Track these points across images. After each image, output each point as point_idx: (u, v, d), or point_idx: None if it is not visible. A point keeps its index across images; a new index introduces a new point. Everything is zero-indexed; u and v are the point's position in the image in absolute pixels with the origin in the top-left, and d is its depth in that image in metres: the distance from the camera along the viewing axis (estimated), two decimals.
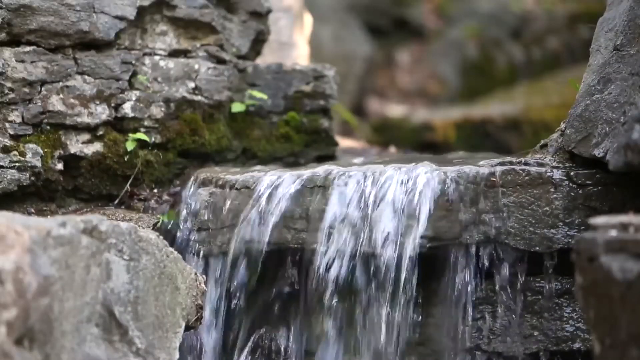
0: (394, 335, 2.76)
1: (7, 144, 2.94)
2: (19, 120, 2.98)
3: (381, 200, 2.78)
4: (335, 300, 2.80)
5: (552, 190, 2.77)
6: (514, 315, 2.78)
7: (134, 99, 3.13)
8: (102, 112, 3.08)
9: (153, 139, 3.16)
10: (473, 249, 2.76)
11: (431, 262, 2.77)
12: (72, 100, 3.04)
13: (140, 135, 3.12)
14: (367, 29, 7.51)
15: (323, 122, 3.39)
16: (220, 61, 3.30)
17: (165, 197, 3.16)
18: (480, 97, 6.88)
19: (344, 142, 3.98)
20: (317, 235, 2.79)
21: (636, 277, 1.96)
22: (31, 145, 2.97)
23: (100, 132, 3.09)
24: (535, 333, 2.78)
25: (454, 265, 2.78)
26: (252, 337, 2.88)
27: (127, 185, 3.13)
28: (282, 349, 2.88)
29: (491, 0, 7.92)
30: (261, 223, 2.84)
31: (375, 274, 2.76)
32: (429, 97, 7.50)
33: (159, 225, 2.99)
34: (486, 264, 2.77)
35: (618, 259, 1.99)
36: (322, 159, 3.36)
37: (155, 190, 3.17)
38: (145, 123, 3.15)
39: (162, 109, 3.18)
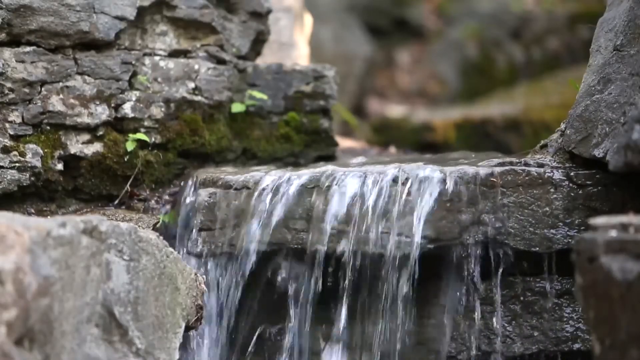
0: (394, 335, 2.76)
1: (7, 144, 2.94)
2: (19, 120, 2.98)
3: (381, 200, 2.78)
4: (335, 300, 2.80)
5: (552, 190, 2.77)
6: (513, 316, 2.78)
7: (134, 99, 3.13)
8: (102, 112, 3.08)
9: (153, 139, 3.16)
10: (473, 249, 2.76)
11: (431, 262, 2.77)
12: (72, 101, 3.04)
13: (140, 136, 3.12)
14: (367, 29, 7.51)
15: (323, 122, 3.39)
16: (220, 61, 3.30)
17: (165, 197, 3.16)
18: (480, 97, 6.87)
19: (344, 143, 3.98)
20: (317, 235, 2.79)
21: (636, 277, 1.96)
22: (31, 146, 2.97)
23: (100, 133, 3.09)
24: (535, 333, 2.78)
25: (454, 265, 2.78)
26: (254, 337, 2.88)
27: (127, 185, 3.13)
28: (285, 348, 2.88)
29: (491, 0, 7.92)
30: (261, 223, 2.84)
31: (376, 274, 2.76)
32: (429, 97, 7.50)
33: (159, 225, 2.99)
34: (486, 264, 2.77)
35: (618, 260, 1.99)
36: (322, 159, 3.36)
37: (156, 191, 3.17)
38: (145, 123, 3.15)
39: (162, 109, 3.18)
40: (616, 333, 1.98)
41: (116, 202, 3.13)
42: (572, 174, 2.79)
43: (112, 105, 3.10)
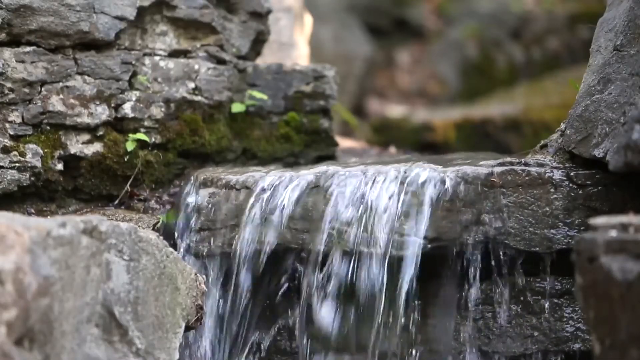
0: (393, 336, 2.76)
1: (7, 144, 2.94)
2: (19, 120, 2.98)
3: (381, 200, 2.78)
4: (335, 300, 2.80)
5: (552, 190, 2.77)
6: (513, 316, 2.78)
7: (134, 99, 3.13)
8: (102, 112, 3.08)
9: (153, 139, 3.16)
10: (473, 249, 2.76)
11: (431, 262, 2.77)
12: (72, 101, 3.04)
13: (140, 136, 3.12)
14: (367, 29, 7.51)
15: (323, 122, 3.39)
16: (220, 61, 3.30)
17: (165, 197, 3.16)
18: (480, 97, 6.87)
19: (344, 143, 3.98)
20: (317, 235, 2.79)
21: (636, 277, 1.96)
22: (31, 146, 2.97)
23: (100, 133, 3.09)
24: (535, 333, 2.78)
25: (454, 265, 2.78)
26: (253, 337, 2.88)
27: (127, 185, 3.13)
28: (283, 349, 2.89)
29: (491, 0, 7.92)
30: (261, 223, 2.84)
31: (376, 274, 2.76)
32: (429, 97, 7.50)
33: (158, 225, 2.99)
34: (486, 264, 2.77)
35: (618, 260, 1.99)
36: (322, 159, 3.36)
37: (156, 191, 3.17)
38: (145, 123, 3.15)
39: (162, 109, 3.18)
40: (616, 333, 1.98)
41: (116, 202, 3.13)
42: (572, 174, 2.79)
43: (112, 105, 3.10)
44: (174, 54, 3.24)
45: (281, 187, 2.86)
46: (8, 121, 2.97)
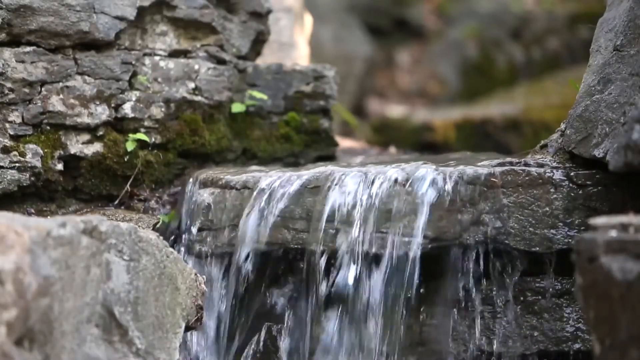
0: (394, 336, 2.76)
1: (7, 144, 2.94)
2: (19, 120, 2.98)
3: (381, 200, 2.78)
4: (335, 300, 2.80)
5: (552, 190, 2.77)
6: (514, 316, 2.78)
7: (134, 99, 3.13)
8: (102, 112, 3.08)
9: (153, 139, 3.16)
10: (473, 249, 2.76)
11: (432, 262, 2.77)
12: (72, 101, 3.04)
13: (140, 136, 3.12)
14: (367, 29, 7.51)
15: (323, 122, 3.39)
16: (221, 61, 3.30)
17: (165, 197, 3.16)
18: (480, 97, 6.87)
19: (344, 143, 3.98)
20: (317, 235, 2.79)
21: (636, 277, 1.96)
22: (31, 146, 2.97)
23: (100, 133, 3.09)
24: (535, 333, 2.78)
25: (454, 265, 2.78)
26: (253, 337, 2.88)
27: (127, 185, 3.13)
28: (283, 349, 2.88)
29: (491, 0, 7.92)
30: (261, 224, 2.84)
31: (376, 274, 2.76)
32: (429, 97, 7.50)
33: (159, 225, 2.99)
34: (486, 264, 2.77)
35: (618, 260, 1.99)
36: (322, 160, 3.36)
37: (156, 191, 3.17)
38: (145, 123, 3.15)
39: (162, 109, 3.18)
40: (616, 333, 1.98)
41: (116, 202, 3.13)
42: (572, 174, 2.79)
43: (112, 105, 3.10)
44: (174, 54, 3.24)
45: (281, 187, 2.86)
46: (8, 121, 2.97)
